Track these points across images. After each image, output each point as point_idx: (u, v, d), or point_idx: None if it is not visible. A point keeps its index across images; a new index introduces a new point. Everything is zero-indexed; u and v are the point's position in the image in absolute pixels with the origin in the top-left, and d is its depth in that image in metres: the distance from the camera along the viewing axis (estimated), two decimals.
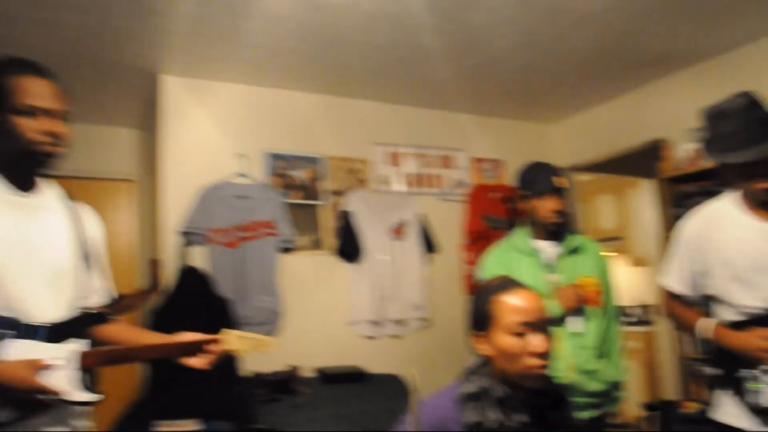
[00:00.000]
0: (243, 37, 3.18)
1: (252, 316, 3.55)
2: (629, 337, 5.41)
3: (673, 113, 3.86)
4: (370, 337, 3.93)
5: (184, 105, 3.69)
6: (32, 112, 1.53)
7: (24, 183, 1.62)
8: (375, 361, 3.84)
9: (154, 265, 3.68)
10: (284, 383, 3.36)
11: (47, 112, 1.56)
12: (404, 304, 4.00)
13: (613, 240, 6.29)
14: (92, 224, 1.82)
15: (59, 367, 1.48)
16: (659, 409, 3.58)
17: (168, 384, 3.07)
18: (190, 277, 3.42)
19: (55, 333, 1.54)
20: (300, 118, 3.99)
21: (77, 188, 4.48)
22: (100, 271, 1.79)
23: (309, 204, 3.93)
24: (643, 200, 5.75)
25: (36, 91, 1.55)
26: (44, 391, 1.42)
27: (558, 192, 2.39)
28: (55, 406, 1.49)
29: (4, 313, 1.48)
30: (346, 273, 3.94)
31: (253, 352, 1.81)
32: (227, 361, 3.22)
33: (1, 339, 1.45)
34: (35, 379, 1.41)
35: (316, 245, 3.90)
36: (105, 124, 4.54)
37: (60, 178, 4.75)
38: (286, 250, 3.77)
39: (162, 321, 3.21)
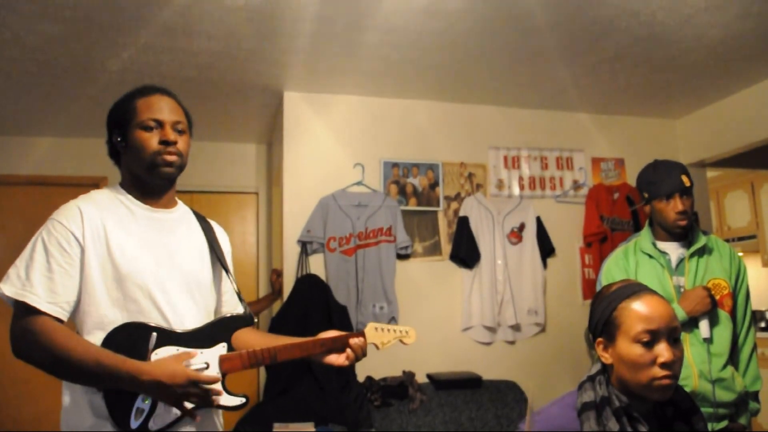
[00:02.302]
0: (361, 51, 3.26)
1: (367, 323, 3.65)
2: (761, 344, 5.10)
3: None
4: (485, 343, 3.91)
5: (305, 119, 3.86)
6: (151, 126, 1.64)
7: (157, 197, 1.72)
8: (489, 367, 3.81)
9: (275, 273, 3.88)
10: (398, 388, 3.42)
11: (164, 124, 1.65)
12: (520, 309, 3.95)
13: (745, 239, 5.92)
14: (223, 239, 1.91)
15: (202, 371, 1.55)
16: None
17: (285, 389, 3.22)
18: (309, 284, 3.54)
19: (197, 339, 1.61)
20: (416, 125, 4.04)
21: (207, 202, 4.78)
22: (231, 283, 1.87)
23: (425, 210, 3.96)
24: None
25: (155, 107, 1.66)
26: (201, 382, 1.49)
27: (683, 193, 2.27)
28: (206, 407, 1.55)
29: (152, 322, 1.57)
30: (461, 278, 3.94)
31: (394, 344, 1.84)
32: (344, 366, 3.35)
33: (149, 346, 1.53)
34: (190, 371, 1.49)
35: (433, 251, 3.94)
36: (231, 141, 4.86)
37: (191, 193, 5.10)
38: (403, 256, 3.84)
39: (281, 328, 3.35)
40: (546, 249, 4.07)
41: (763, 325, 5.75)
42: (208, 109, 4.05)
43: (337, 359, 1.76)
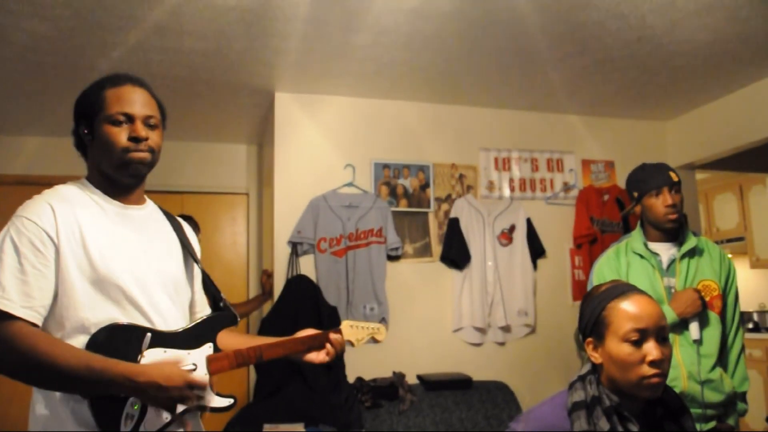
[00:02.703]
0: (352, 52, 3.26)
1: None
2: (749, 345, 5.14)
3: None
4: (475, 344, 3.91)
5: (296, 120, 3.85)
6: (121, 121, 1.54)
7: (126, 193, 1.63)
8: (479, 368, 3.81)
9: (265, 274, 3.87)
10: (388, 389, 3.42)
11: (134, 118, 1.55)
12: (510, 310, 3.95)
13: (734, 241, 5.97)
14: (192, 236, 1.84)
15: (191, 373, 1.50)
16: None
17: (276, 389, 3.21)
18: (299, 285, 3.54)
19: (184, 339, 1.57)
20: (407, 127, 4.04)
21: (197, 203, 4.76)
22: (200, 282, 1.81)
23: (416, 211, 3.96)
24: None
25: (125, 99, 1.56)
26: (195, 387, 1.45)
27: (672, 187, 2.30)
28: (196, 410, 1.51)
29: (136, 323, 1.51)
30: (452, 279, 3.94)
31: (368, 340, 1.86)
32: (334, 367, 3.34)
33: (138, 348, 1.47)
34: (186, 374, 1.44)
35: (423, 252, 3.94)
36: (222, 141, 4.84)
37: (182, 194, 5.05)
38: (393, 257, 3.84)
39: (271, 328, 3.34)
40: (536, 250, 4.08)
41: (750, 326, 5.79)
42: (198, 109, 4.04)
43: (317, 356, 1.76)
